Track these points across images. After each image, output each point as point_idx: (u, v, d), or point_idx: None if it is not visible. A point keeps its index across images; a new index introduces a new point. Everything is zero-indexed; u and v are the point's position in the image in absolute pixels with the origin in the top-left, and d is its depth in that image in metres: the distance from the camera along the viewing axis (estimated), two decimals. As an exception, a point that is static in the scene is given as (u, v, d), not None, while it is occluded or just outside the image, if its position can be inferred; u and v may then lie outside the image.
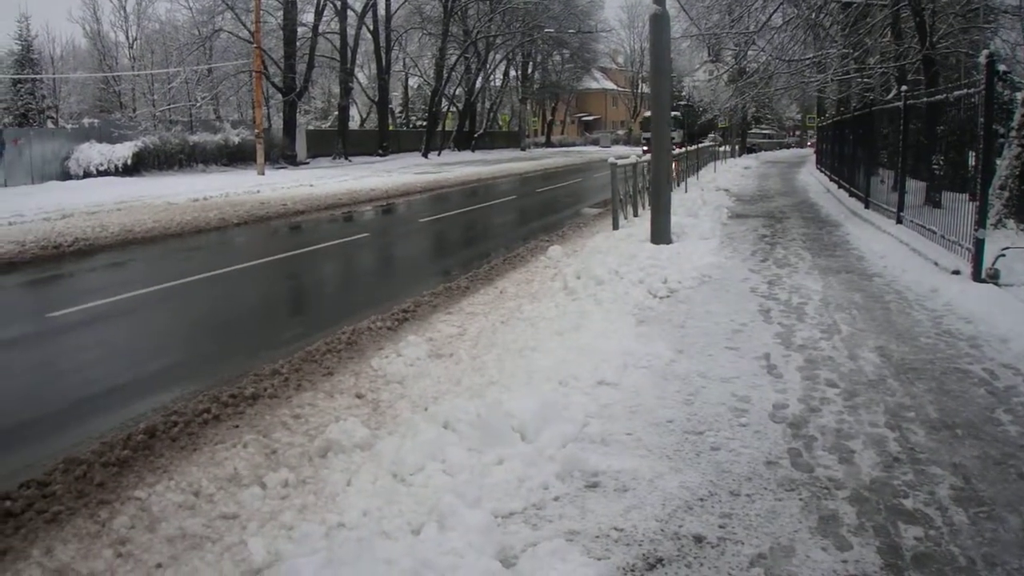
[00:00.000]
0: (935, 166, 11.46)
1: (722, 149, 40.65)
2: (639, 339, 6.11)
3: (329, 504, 3.86)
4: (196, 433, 5.01)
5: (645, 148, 40.94)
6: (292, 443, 4.77)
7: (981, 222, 7.89)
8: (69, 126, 43.45)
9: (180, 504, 4.07)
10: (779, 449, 4.10)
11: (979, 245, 7.89)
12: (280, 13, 41.15)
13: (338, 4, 43.73)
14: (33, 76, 51.12)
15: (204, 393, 5.71)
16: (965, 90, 9.35)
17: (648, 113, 79.84)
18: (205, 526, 3.86)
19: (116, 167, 32.39)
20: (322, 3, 42.50)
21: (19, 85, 50.47)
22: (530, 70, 72.44)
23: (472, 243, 14.63)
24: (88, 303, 9.51)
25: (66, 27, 67.43)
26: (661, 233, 10.58)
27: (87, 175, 31.69)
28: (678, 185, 19.37)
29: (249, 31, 38.39)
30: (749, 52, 23.18)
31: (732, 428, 4.38)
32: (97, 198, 21.64)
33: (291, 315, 8.95)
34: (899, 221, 12.01)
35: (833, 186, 21.32)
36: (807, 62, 21.30)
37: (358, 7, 45.77)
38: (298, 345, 7.01)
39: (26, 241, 14.16)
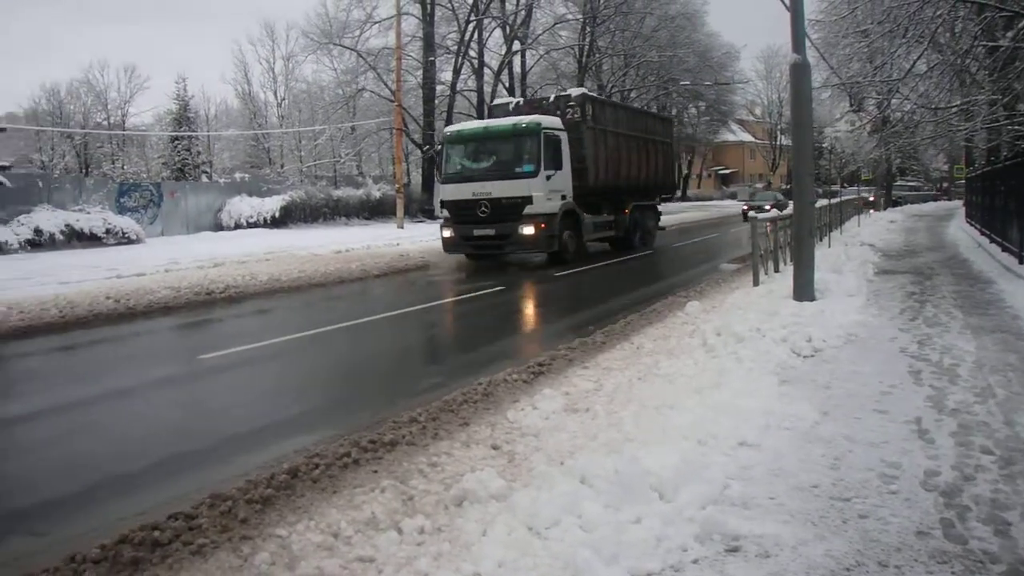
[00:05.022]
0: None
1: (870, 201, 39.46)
2: (782, 399, 5.93)
3: (464, 553, 3.85)
4: (336, 476, 5.11)
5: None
6: (428, 490, 4.80)
7: None
8: (222, 180, 45.94)
9: (319, 544, 4.13)
10: (931, 519, 3.88)
11: None
12: (420, 72, 42.60)
13: (475, 62, 44.89)
14: (189, 134, 54.33)
15: (344, 437, 5.83)
16: None
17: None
18: (342, 567, 3.91)
19: (264, 219, 33.99)
20: (460, 62, 43.75)
21: (177, 142, 53.68)
22: (666, 123, 72.29)
23: (607, 297, 14.55)
24: (237, 347, 9.95)
25: (219, 88, 71.67)
26: (804, 289, 10.28)
27: (237, 227, 33.35)
28: (820, 240, 18.83)
29: (390, 90, 39.93)
30: (892, 101, 22.43)
31: (881, 495, 4.18)
32: (247, 248, 22.76)
33: (428, 364, 9.10)
34: (1057, 279, 11.31)
35: (984, 240, 20.27)
36: (953, 110, 20.46)
37: (494, 64, 46.87)
38: (436, 394, 7.11)
39: (181, 287, 14.96)
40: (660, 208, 26.49)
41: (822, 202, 21.95)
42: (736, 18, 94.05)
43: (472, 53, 44.86)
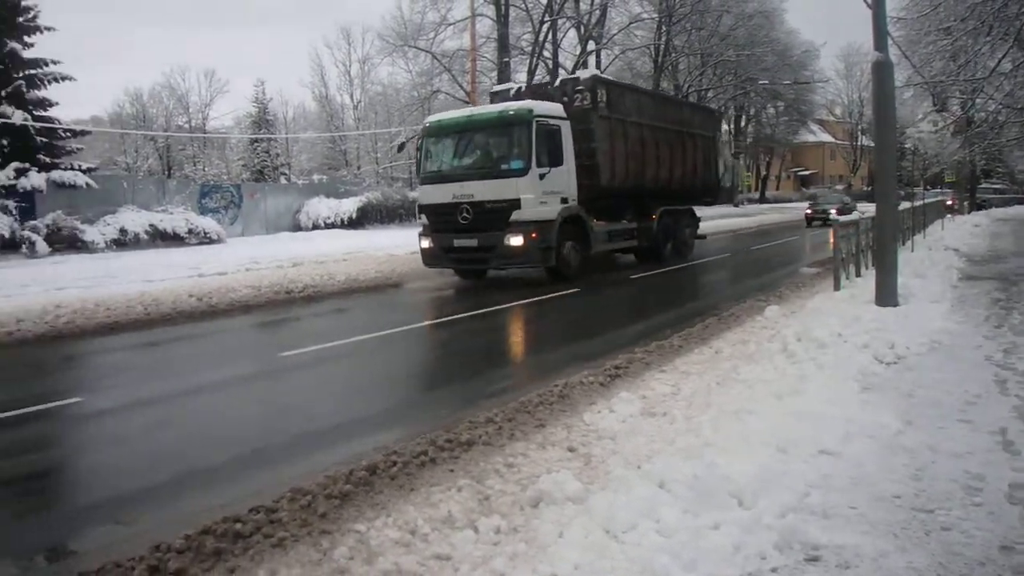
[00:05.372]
0: None
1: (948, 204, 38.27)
2: (863, 407, 5.82)
3: (540, 555, 3.86)
4: (413, 474, 5.19)
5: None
6: (504, 490, 4.84)
7: None
8: (300, 182, 46.79)
9: (396, 541, 4.20)
10: (1016, 533, 3.77)
11: None
12: (494, 74, 42.75)
13: (550, 63, 44.86)
14: (268, 136, 55.38)
15: (422, 436, 5.90)
16: None
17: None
18: (420, 564, 3.96)
19: (341, 220, 34.54)
20: (534, 63, 43.74)
21: (256, 144, 54.76)
22: (743, 123, 71.19)
23: (684, 301, 14.45)
24: (316, 345, 10.12)
25: (297, 91, 73.03)
26: (887, 295, 10.05)
27: (315, 227, 33.99)
28: (903, 244, 18.40)
29: (465, 91, 40.17)
30: (977, 100, 21.79)
31: (964, 507, 4.07)
32: (324, 249, 23.18)
33: (504, 365, 9.13)
34: None
35: (1076, 246, 19.59)
36: (1041, 110, 19.84)
37: (569, 65, 46.76)
38: (511, 396, 7.14)
39: (261, 286, 15.32)
40: (698, 214, 23.51)
41: (904, 205, 21.40)
42: (815, 15, 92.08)
43: (546, 54, 44.85)
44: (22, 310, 12.56)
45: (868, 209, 20.35)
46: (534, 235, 15.25)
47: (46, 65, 30.58)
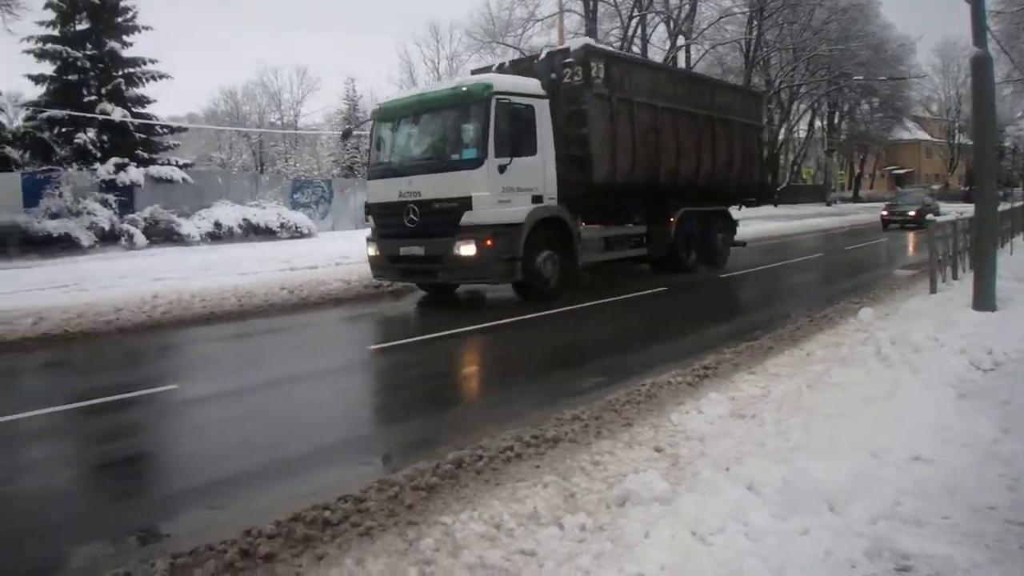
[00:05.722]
0: None
1: None
2: (959, 413, 5.65)
3: (626, 554, 3.85)
4: (499, 469, 5.23)
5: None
6: (590, 488, 4.84)
7: None
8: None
9: (481, 535, 4.24)
10: (1116, 549, 3.63)
11: None
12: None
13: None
14: (359, 132, 56.19)
15: (508, 431, 5.94)
16: None
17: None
18: (504, 559, 3.99)
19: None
20: (623, 59, 43.33)
21: (346, 140, 55.51)
22: (836, 120, 69.61)
23: (774, 301, 14.22)
24: (404, 339, 10.28)
25: (386, 88, 74.09)
26: (985, 299, 9.71)
27: (405, 222, 34.23)
28: (1001, 246, 17.78)
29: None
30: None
31: (1063, 521, 3.93)
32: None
33: (589, 363, 9.11)
34: None
35: None
36: None
37: (658, 60, 46.34)
38: (598, 393, 7.12)
39: (351, 280, 15.59)
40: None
41: (1003, 206, 20.64)
42: (911, 8, 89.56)
43: (635, 49, 44.55)
44: (121, 300, 13.02)
45: (955, 210, 19.73)
46: (489, 242, 12.29)
47: (144, 64, 31.69)
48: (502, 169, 12.37)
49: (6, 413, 7.30)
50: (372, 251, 14.02)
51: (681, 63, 48.19)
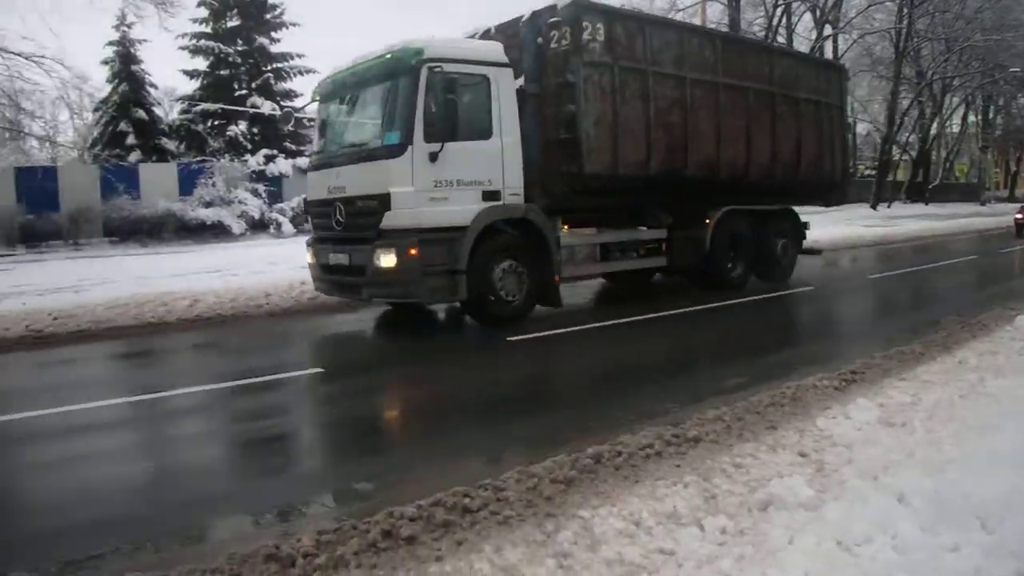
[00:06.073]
0: None
1: None
2: None
3: (768, 559, 3.76)
4: (638, 466, 5.17)
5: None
6: (731, 491, 4.74)
7: None
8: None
9: (620, 531, 4.20)
10: None
11: None
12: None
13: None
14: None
15: (648, 429, 5.87)
16: None
17: None
18: (643, 556, 3.95)
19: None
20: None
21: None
22: (992, 115, 65.98)
23: (925, 305, 13.63)
24: (543, 331, 10.38)
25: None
26: None
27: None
28: None
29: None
30: None
31: None
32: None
33: (731, 363, 8.92)
34: None
35: None
36: None
37: (804, 50, 45.02)
38: (740, 394, 6.99)
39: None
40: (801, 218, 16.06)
41: None
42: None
43: (780, 39, 43.42)
44: (271, 285, 13.58)
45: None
46: (413, 251, 9.72)
47: (291, 59, 32.95)
48: (433, 157, 9.77)
49: (164, 389, 7.80)
50: (309, 258, 11.83)
51: (828, 53, 46.51)
